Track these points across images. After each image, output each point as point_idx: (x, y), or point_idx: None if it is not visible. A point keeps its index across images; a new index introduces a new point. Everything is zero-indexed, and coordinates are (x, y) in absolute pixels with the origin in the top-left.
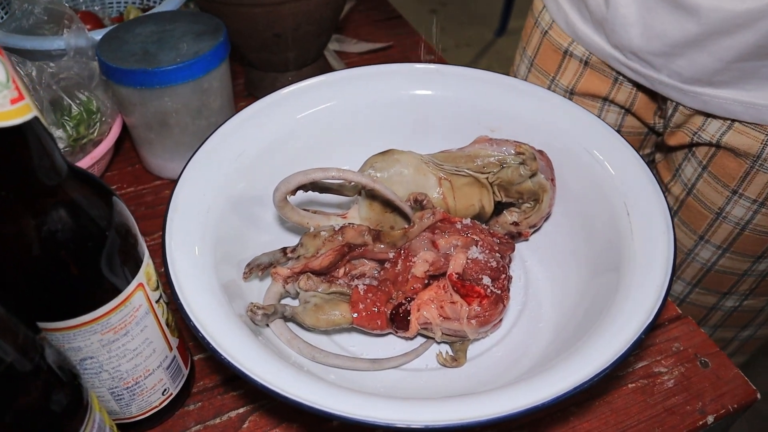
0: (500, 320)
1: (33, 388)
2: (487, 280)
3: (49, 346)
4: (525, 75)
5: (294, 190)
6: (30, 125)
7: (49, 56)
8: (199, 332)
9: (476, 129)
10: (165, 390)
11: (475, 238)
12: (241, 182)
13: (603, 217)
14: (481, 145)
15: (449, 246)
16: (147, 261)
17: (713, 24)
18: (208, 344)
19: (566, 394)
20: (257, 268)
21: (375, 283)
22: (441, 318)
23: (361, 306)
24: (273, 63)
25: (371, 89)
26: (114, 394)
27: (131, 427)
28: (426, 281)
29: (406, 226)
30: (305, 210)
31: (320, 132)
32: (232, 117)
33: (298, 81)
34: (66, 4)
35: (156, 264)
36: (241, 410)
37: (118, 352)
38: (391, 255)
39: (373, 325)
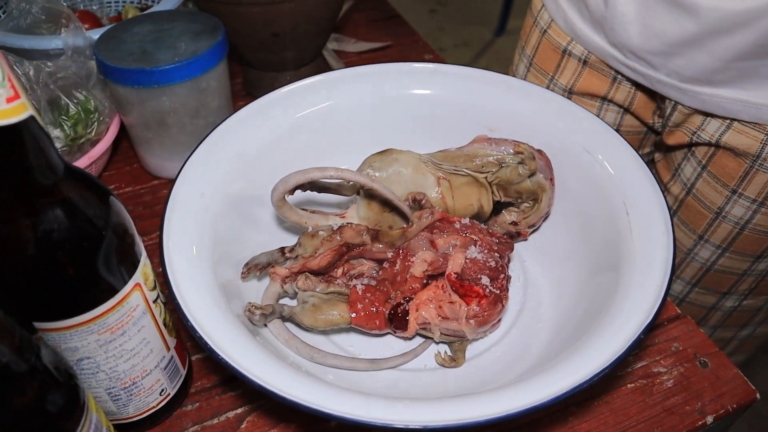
0: (499, 320)
1: (29, 389)
2: (485, 280)
3: (45, 347)
4: (524, 74)
5: (292, 190)
6: (26, 124)
7: (46, 55)
8: (196, 332)
9: (475, 128)
10: (162, 390)
11: (474, 237)
12: (239, 182)
13: (602, 217)
14: (480, 144)
15: (448, 246)
16: (144, 261)
17: (712, 23)
18: (206, 344)
19: (565, 394)
20: (255, 267)
21: (373, 282)
22: (439, 318)
23: (360, 306)
24: (271, 62)
25: (370, 89)
26: (111, 394)
27: (129, 428)
28: (424, 281)
29: (405, 225)
30: (303, 209)
31: (318, 131)
32: (230, 116)
33: (297, 80)
34: (64, 3)
35: (154, 264)
36: (239, 410)
37: (115, 352)
38: (390, 255)
39: (372, 325)
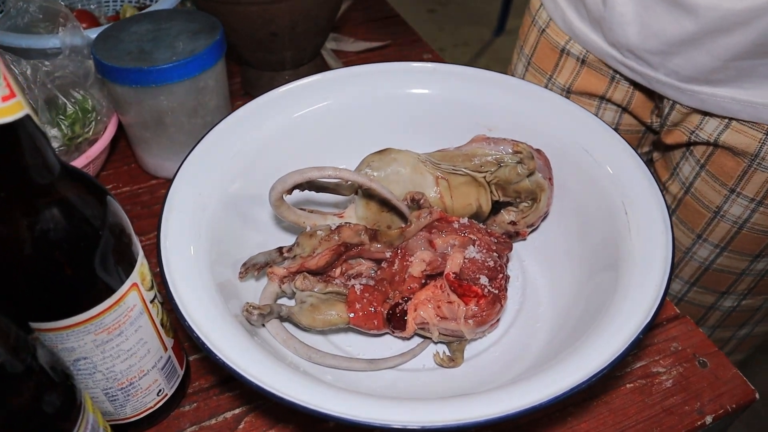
0: (498, 320)
1: (25, 390)
2: (484, 280)
3: (42, 347)
4: (522, 73)
5: (290, 189)
6: (22, 123)
7: (44, 55)
8: (194, 332)
9: (473, 128)
10: (160, 391)
11: (473, 237)
12: (237, 181)
13: (601, 216)
14: (479, 144)
15: (446, 245)
16: (141, 261)
17: (711, 22)
18: (203, 344)
19: (564, 395)
20: (253, 267)
21: (372, 282)
22: (438, 318)
23: (358, 306)
24: (270, 62)
25: (368, 88)
26: (108, 394)
27: (126, 428)
28: (423, 281)
29: (403, 225)
30: (302, 209)
31: (317, 131)
32: (228, 116)
33: (295, 80)
34: (61, 3)
35: (151, 263)
36: (236, 411)
37: (112, 352)
38: (388, 254)
39: (370, 325)
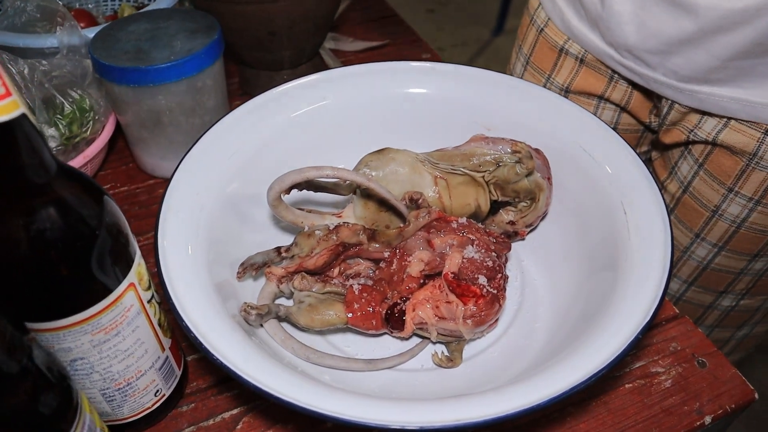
0: (496, 320)
1: (20, 390)
2: (483, 280)
3: (38, 347)
4: (521, 73)
5: (288, 189)
6: (17, 122)
7: (41, 54)
8: (191, 332)
9: (472, 127)
10: (157, 391)
11: (471, 237)
12: (235, 181)
13: (600, 216)
14: (477, 143)
15: (445, 245)
16: (138, 260)
17: (711, 22)
18: (201, 345)
19: (563, 395)
20: (251, 267)
21: (370, 282)
22: (436, 318)
23: (356, 306)
24: (268, 61)
25: (366, 87)
26: (105, 395)
27: (123, 429)
28: (421, 281)
29: (402, 225)
30: (300, 209)
31: (315, 130)
32: (226, 115)
33: (294, 79)
34: (59, 2)
35: (149, 264)
36: (234, 411)
37: (109, 352)
38: (387, 254)
39: (368, 325)
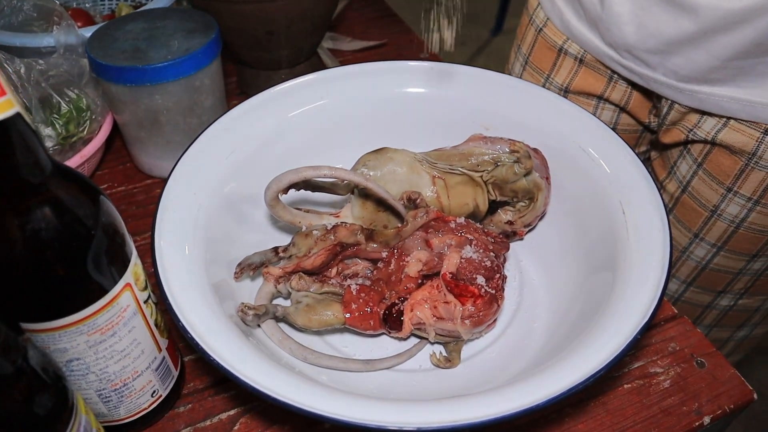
0: (495, 320)
1: (15, 391)
2: (481, 280)
3: (33, 348)
4: (520, 73)
5: (286, 189)
6: (13, 121)
7: (38, 53)
8: (188, 333)
9: (470, 127)
10: (154, 392)
11: (470, 237)
12: (232, 181)
13: (598, 216)
14: (475, 143)
15: (443, 245)
16: (135, 261)
17: (711, 22)
18: (197, 345)
19: (562, 395)
20: (248, 267)
21: (368, 282)
22: (434, 318)
23: (354, 306)
24: (266, 61)
25: (364, 87)
26: (102, 396)
27: (120, 430)
28: (419, 281)
29: (400, 225)
30: (297, 209)
31: (313, 130)
32: (224, 115)
33: (291, 79)
34: (56, 1)
35: (147, 264)
36: (231, 412)
37: (105, 353)
38: (384, 254)
39: (366, 325)
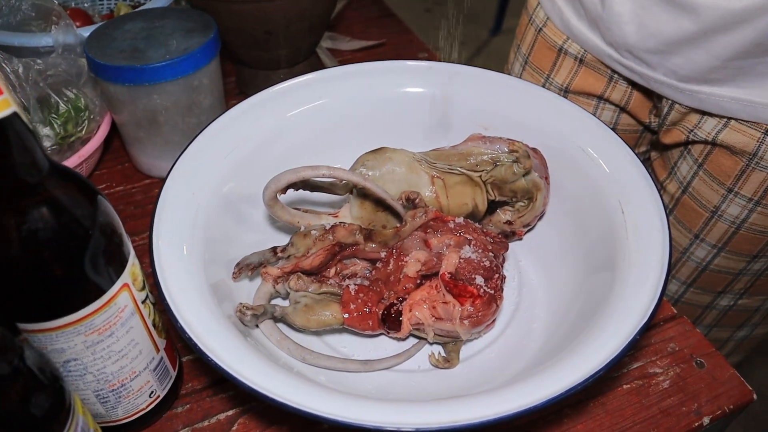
0: (493, 321)
1: (12, 392)
2: (480, 280)
3: (30, 348)
4: (519, 73)
5: (284, 189)
6: (9, 121)
7: (36, 53)
8: (186, 333)
9: (469, 127)
10: (152, 392)
11: (468, 237)
12: (230, 181)
13: (598, 216)
14: (474, 143)
15: (442, 245)
16: (133, 261)
17: (711, 21)
18: (195, 346)
19: (561, 396)
20: (247, 267)
21: (366, 283)
22: (433, 318)
23: (352, 306)
24: (264, 60)
25: (363, 87)
26: (99, 396)
27: (118, 430)
28: (418, 281)
29: (398, 225)
30: (296, 209)
31: (311, 130)
32: (222, 115)
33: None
34: (54, 1)
35: (144, 264)
36: (230, 413)
37: (102, 353)
38: (383, 254)
39: (365, 325)
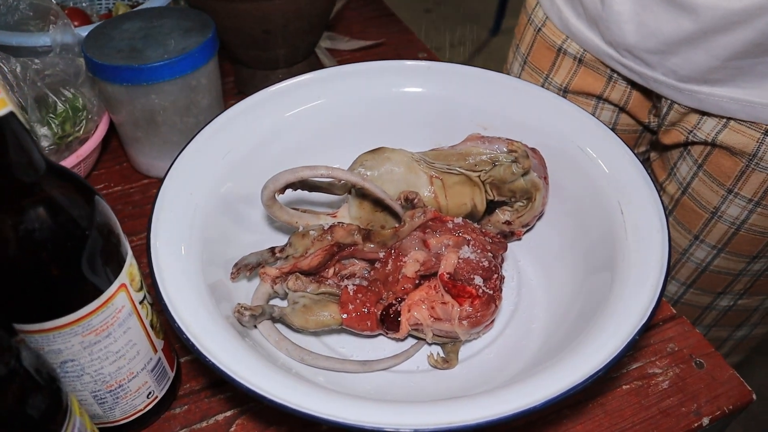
0: (492, 321)
1: (8, 393)
2: (478, 280)
3: (26, 349)
4: (518, 73)
5: (282, 189)
6: (5, 120)
7: (34, 53)
8: (183, 334)
9: (468, 126)
10: (150, 393)
11: (467, 237)
12: (228, 181)
13: (597, 216)
14: (473, 142)
15: (440, 245)
16: (130, 261)
17: (710, 22)
18: (193, 346)
19: (560, 397)
20: (245, 268)
21: (365, 283)
22: (432, 319)
23: (351, 307)
24: (263, 60)
25: (362, 87)
26: (97, 397)
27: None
28: (417, 281)
29: (397, 225)
30: (294, 209)
31: (310, 130)
32: (220, 114)
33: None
34: (52, 0)
35: (142, 264)
36: (228, 413)
37: (100, 354)
38: (382, 255)
39: (363, 326)
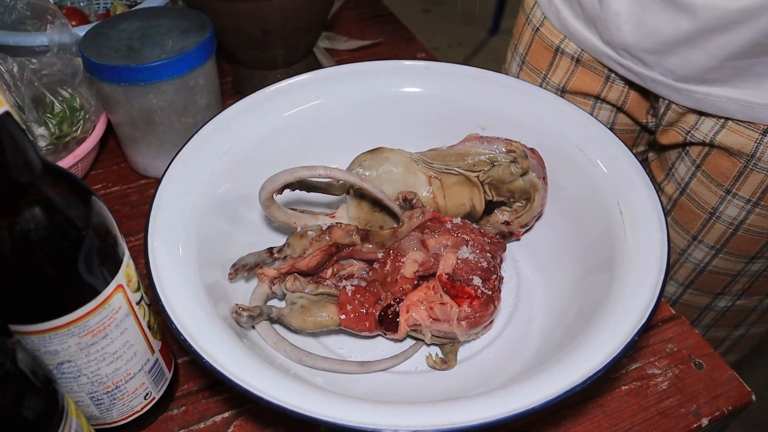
0: (491, 322)
1: (4, 394)
2: (477, 281)
3: (22, 350)
4: (516, 73)
5: (280, 189)
6: (1, 120)
7: (31, 52)
8: (181, 335)
9: (466, 127)
10: (147, 394)
11: (466, 237)
12: (226, 181)
13: (596, 217)
14: (472, 143)
15: (439, 246)
16: (127, 262)
17: (708, 21)
18: (191, 347)
19: (559, 398)
20: (243, 268)
21: (363, 283)
22: (430, 319)
23: (349, 307)
24: (261, 60)
25: (360, 87)
26: (94, 398)
27: None
28: (415, 282)
29: (395, 225)
30: (292, 209)
31: (308, 130)
32: (218, 114)
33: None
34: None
35: (139, 265)
36: (225, 414)
37: (97, 355)
38: (380, 255)
39: (362, 326)
